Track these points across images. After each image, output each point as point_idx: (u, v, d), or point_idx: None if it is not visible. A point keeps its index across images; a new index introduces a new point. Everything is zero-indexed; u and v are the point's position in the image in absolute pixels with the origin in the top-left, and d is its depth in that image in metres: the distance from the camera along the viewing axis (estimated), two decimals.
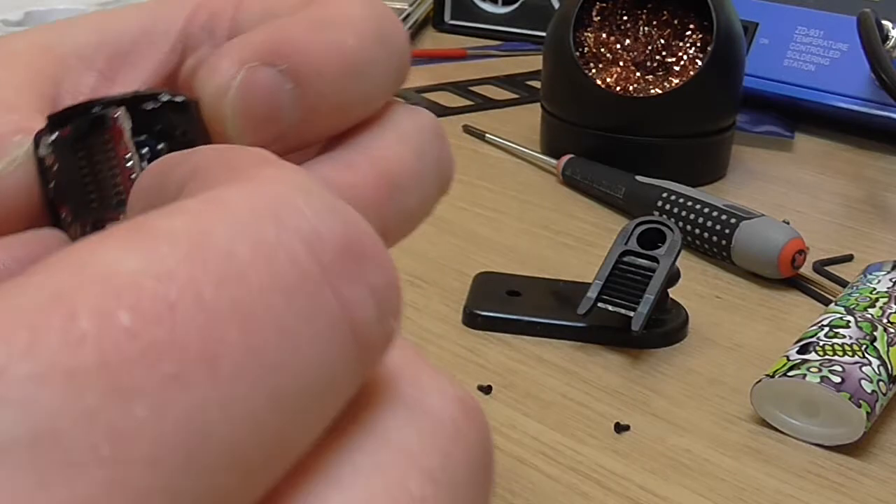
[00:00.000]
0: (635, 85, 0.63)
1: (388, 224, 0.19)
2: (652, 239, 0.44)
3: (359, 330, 0.12)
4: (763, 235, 0.50)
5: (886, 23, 0.68)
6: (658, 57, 0.64)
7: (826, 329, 0.41)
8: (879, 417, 0.39)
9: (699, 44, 0.63)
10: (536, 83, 0.80)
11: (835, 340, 0.40)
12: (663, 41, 0.64)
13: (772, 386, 0.39)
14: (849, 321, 0.41)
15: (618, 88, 0.63)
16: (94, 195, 0.18)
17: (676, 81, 0.62)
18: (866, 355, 0.39)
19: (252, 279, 0.11)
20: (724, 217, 0.52)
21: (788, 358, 0.39)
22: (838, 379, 0.37)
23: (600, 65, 0.65)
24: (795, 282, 0.51)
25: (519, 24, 1.02)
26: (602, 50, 0.65)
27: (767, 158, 0.70)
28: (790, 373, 0.38)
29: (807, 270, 0.51)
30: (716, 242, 0.52)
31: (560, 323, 0.45)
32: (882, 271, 0.46)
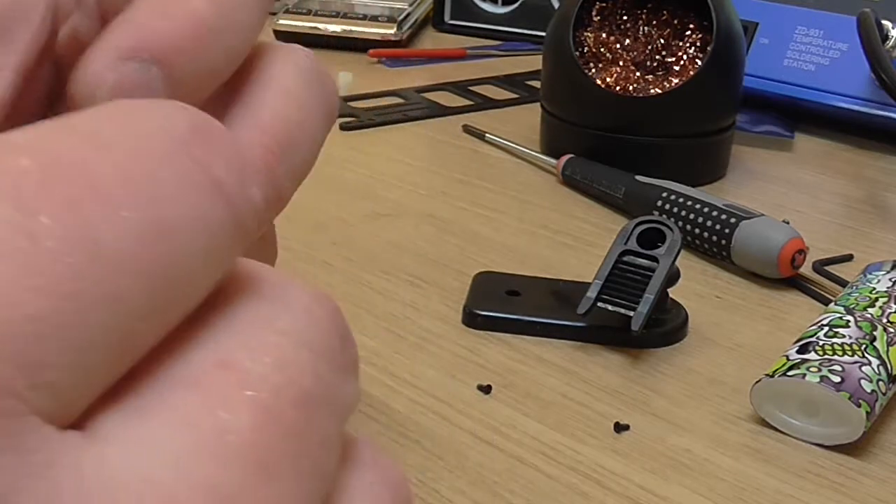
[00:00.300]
0: (635, 85, 0.63)
1: (282, 181, 0.20)
2: (652, 239, 0.44)
3: (225, 190, 0.14)
4: (763, 235, 0.50)
5: (886, 23, 0.68)
6: (658, 57, 0.64)
7: (826, 329, 0.41)
8: (879, 417, 0.39)
9: (699, 44, 0.63)
10: (536, 83, 0.80)
11: (834, 340, 0.40)
12: (663, 41, 0.64)
13: (771, 386, 0.39)
14: (848, 321, 0.41)
15: (618, 88, 0.63)
16: None
17: (676, 81, 0.62)
18: (866, 355, 0.39)
19: (119, 152, 0.13)
20: (724, 217, 0.52)
21: (788, 358, 0.39)
22: (838, 378, 0.37)
23: (600, 65, 0.65)
24: (795, 282, 0.51)
25: (519, 24, 1.02)
26: (602, 50, 0.65)
27: (767, 158, 0.70)
28: (790, 372, 0.38)
29: (807, 270, 0.51)
30: (715, 242, 0.52)
31: (560, 323, 0.45)
32: (882, 271, 0.46)
